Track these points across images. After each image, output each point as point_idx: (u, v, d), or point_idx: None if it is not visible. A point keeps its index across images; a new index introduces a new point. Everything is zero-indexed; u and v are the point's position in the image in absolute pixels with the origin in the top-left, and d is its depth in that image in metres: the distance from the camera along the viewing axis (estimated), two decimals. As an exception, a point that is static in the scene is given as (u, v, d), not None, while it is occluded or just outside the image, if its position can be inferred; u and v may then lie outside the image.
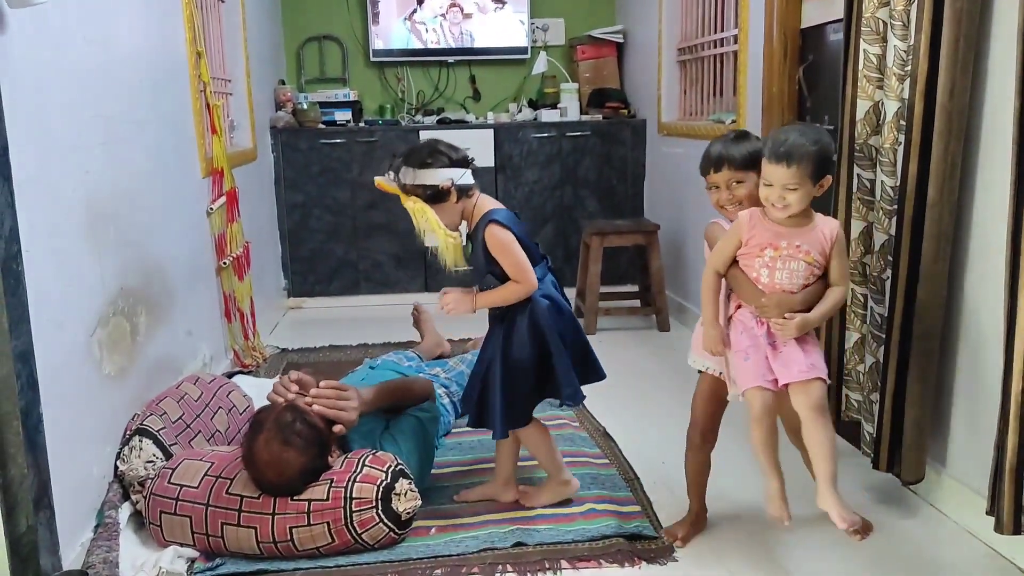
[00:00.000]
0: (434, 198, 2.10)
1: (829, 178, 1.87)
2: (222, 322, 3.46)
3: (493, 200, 2.22)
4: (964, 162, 2.13)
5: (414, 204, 2.11)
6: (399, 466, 2.17)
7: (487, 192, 2.31)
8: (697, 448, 2.16)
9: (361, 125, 4.90)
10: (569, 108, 4.98)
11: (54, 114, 2.07)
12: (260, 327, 3.92)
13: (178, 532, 2.11)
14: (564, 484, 2.34)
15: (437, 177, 2.08)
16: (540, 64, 4.99)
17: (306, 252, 4.85)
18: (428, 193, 2.09)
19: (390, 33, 5.10)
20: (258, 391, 3.06)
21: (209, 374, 2.92)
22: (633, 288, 4.62)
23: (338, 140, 4.75)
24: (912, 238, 2.19)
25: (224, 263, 3.41)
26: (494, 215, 2.13)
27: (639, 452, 2.69)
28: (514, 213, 2.22)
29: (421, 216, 2.11)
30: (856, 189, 2.38)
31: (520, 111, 5.11)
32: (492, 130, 4.82)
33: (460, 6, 5.09)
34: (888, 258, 2.29)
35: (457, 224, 2.17)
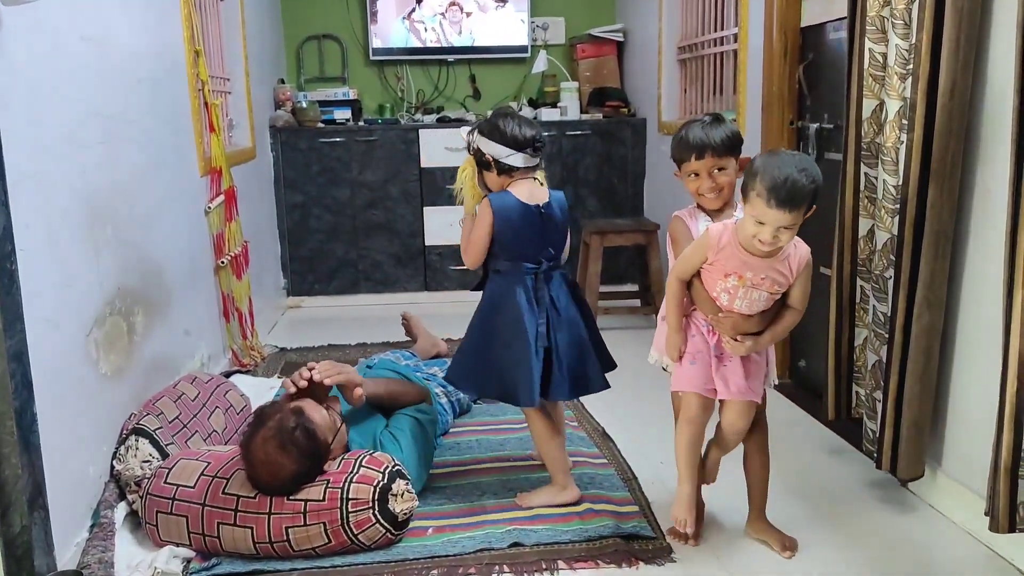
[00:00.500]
0: (480, 164, 2.35)
1: (814, 208, 1.80)
2: (220, 321, 3.45)
3: (533, 189, 2.31)
4: (964, 161, 2.12)
5: (468, 158, 2.39)
6: (396, 467, 2.16)
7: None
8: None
9: (361, 124, 4.89)
10: (569, 107, 4.97)
11: (49, 112, 2.06)
12: (259, 326, 3.92)
13: (174, 532, 2.10)
14: (561, 489, 2.33)
15: (487, 148, 2.30)
16: (540, 63, 4.98)
17: (305, 251, 4.84)
18: (477, 158, 2.35)
19: (389, 32, 5.09)
20: (256, 391, 3.07)
21: (207, 374, 2.91)
22: (633, 287, 4.61)
23: (337, 139, 4.75)
24: (914, 237, 2.18)
25: (222, 262, 3.40)
26: (497, 195, 2.31)
27: (637, 452, 2.68)
28: (538, 210, 2.28)
29: (463, 169, 2.42)
30: (863, 188, 2.37)
31: (520, 110, 5.10)
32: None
33: (460, 5, 5.08)
34: (890, 257, 2.28)
35: (498, 191, 2.36)
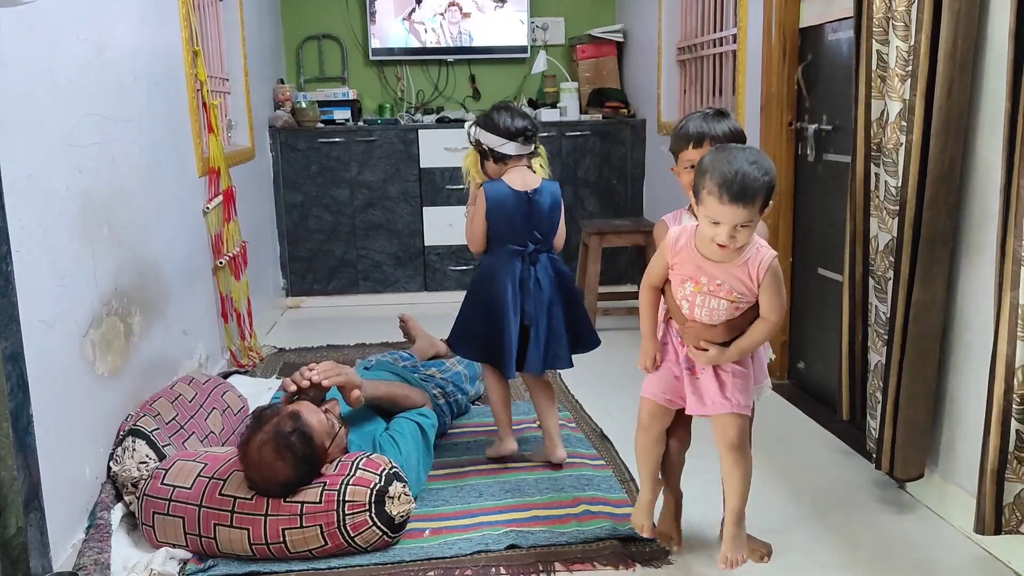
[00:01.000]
0: (480, 153, 2.59)
1: (772, 205, 1.71)
2: (218, 322, 3.45)
3: (525, 176, 2.56)
4: (963, 163, 2.11)
5: (471, 147, 2.63)
6: (393, 469, 2.16)
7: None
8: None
9: (360, 124, 4.89)
10: (569, 107, 4.96)
11: (46, 112, 2.06)
12: (258, 327, 3.91)
13: (171, 533, 2.10)
14: (499, 440, 2.67)
15: (484, 138, 2.55)
16: (540, 63, 4.98)
17: (304, 252, 4.84)
18: (477, 148, 2.59)
19: (388, 32, 5.09)
20: (254, 391, 3.07)
21: (204, 374, 2.91)
22: (632, 288, 4.61)
23: (337, 139, 4.74)
24: (913, 238, 2.17)
25: (220, 263, 3.40)
26: (490, 183, 2.55)
27: (635, 454, 2.67)
28: (527, 197, 2.53)
29: (467, 156, 2.66)
30: (874, 188, 2.36)
31: (519, 110, 5.09)
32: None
33: (459, 5, 5.08)
34: (891, 258, 2.28)
35: (496, 178, 2.59)
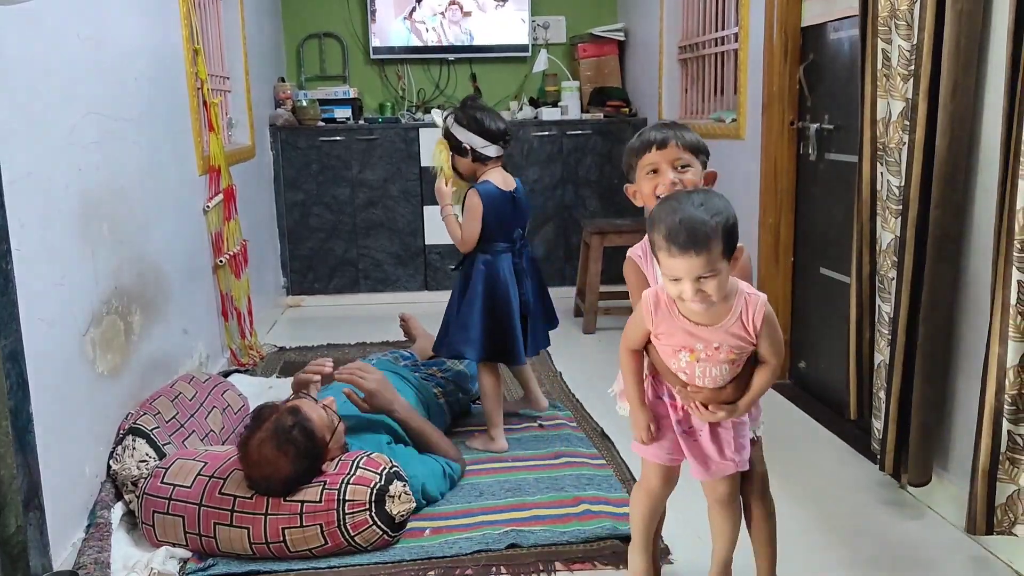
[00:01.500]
0: (454, 148, 2.65)
1: (742, 247, 1.50)
2: (219, 321, 3.44)
3: (504, 176, 2.69)
4: (968, 163, 2.10)
5: (441, 141, 2.68)
6: (393, 468, 2.15)
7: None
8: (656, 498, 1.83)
9: (361, 123, 4.88)
10: (570, 106, 4.96)
11: (46, 111, 2.05)
12: (258, 325, 3.91)
13: (171, 532, 2.09)
14: (490, 440, 2.74)
15: (465, 137, 2.60)
16: (541, 62, 4.97)
17: (305, 250, 4.83)
18: (451, 142, 2.64)
19: (389, 31, 5.08)
20: (255, 390, 3.06)
21: (204, 373, 2.91)
22: (633, 287, 4.59)
23: (338, 138, 4.74)
24: (916, 238, 2.16)
25: (221, 261, 3.39)
26: (480, 185, 2.64)
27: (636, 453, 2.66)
28: (511, 196, 2.69)
29: (438, 152, 2.71)
30: (879, 187, 2.35)
31: (521, 109, 5.09)
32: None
33: (460, 4, 5.07)
34: (894, 258, 2.27)
35: (468, 175, 2.70)
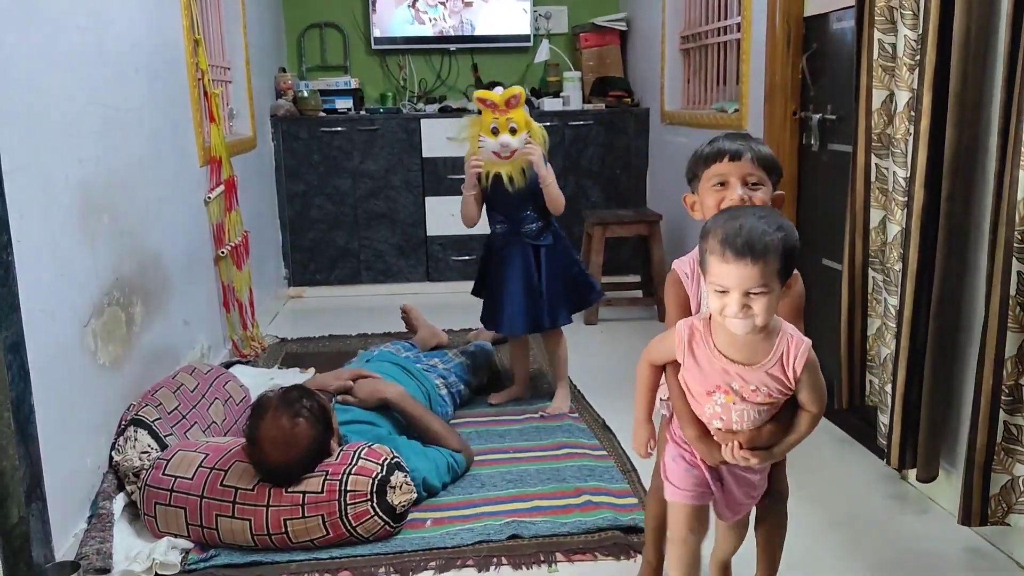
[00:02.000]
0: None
1: (797, 275, 1.41)
2: (220, 312, 3.45)
3: None
4: (976, 154, 2.09)
5: (474, 119, 2.87)
6: (395, 459, 2.16)
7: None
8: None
9: (362, 113, 4.87)
10: (572, 97, 4.94)
11: (46, 101, 2.05)
12: (260, 317, 3.91)
13: (172, 523, 2.10)
14: (516, 388, 3.12)
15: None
16: (543, 52, 4.95)
17: (307, 241, 4.83)
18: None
19: (390, 21, 5.06)
20: (256, 381, 3.06)
21: (206, 364, 2.91)
22: (635, 279, 4.60)
23: (339, 128, 4.73)
24: (922, 229, 2.15)
25: (222, 252, 3.39)
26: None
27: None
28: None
29: (472, 124, 2.86)
30: (875, 179, 2.36)
31: (522, 99, 5.07)
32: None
33: (460, -7, 5.06)
34: (900, 250, 2.26)
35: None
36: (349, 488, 2.06)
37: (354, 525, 2.06)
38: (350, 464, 2.10)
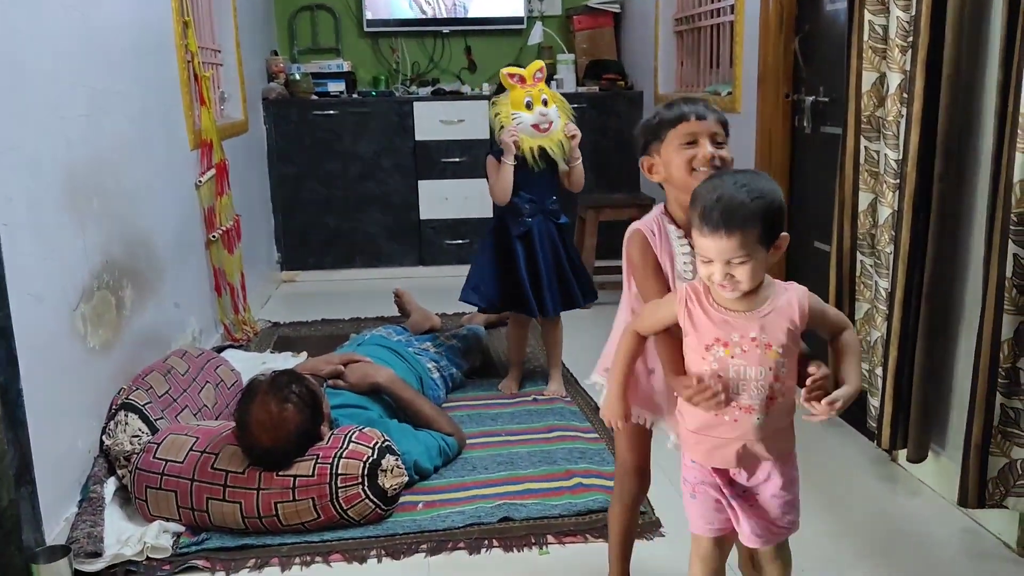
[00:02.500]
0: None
1: (786, 236, 1.39)
2: (212, 296, 3.43)
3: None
4: (969, 136, 2.08)
5: (502, 101, 2.82)
6: (386, 443, 2.16)
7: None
8: (632, 500, 1.74)
9: (354, 96, 4.84)
10: (565, 79, 4.91)
11: (31, 83, 2.03)
12: (252, 300, 3.90)
13: (164, 507, 2.10)
14: (517, 371, 3.09)
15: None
16: (536, 34, 4.92)
17: (299, 225, 4.81)
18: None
19: (382, 2, 5.02)
20: (248, 365, 3.05)
21: (197, 348, 2.90)
22: (628, 262, 4.58)
23: (331, 112, 4.70)
24: (914, 212, 2.15)
25: (213, 236, 3.38)
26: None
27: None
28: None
29: (502, 108, 2.80)
30: (864, 161, 2.35)
31: (515, 82, 5.04)
32: (488, 101, 4.76)
33: (454, -25, 5.01)
34: (892, 232, 2.26)
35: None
36: (340, 471, 2.06)
37: (345, 508, 2.06)
38: (341, 448, 2.10)
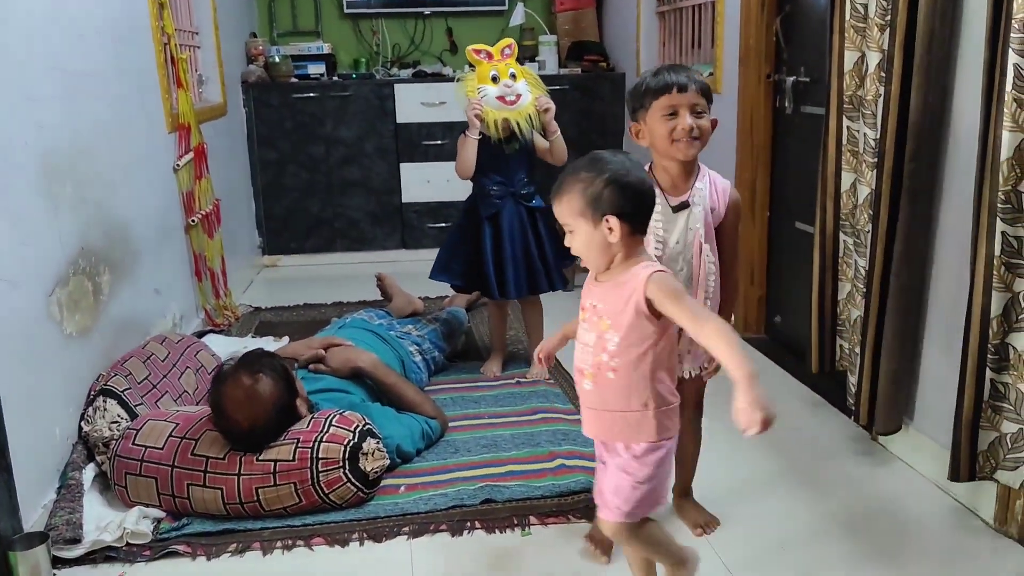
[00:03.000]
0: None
1: (613, 219, 1.40)
2: (192, 281, 3.41)
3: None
4: (942, 114, 2.09)
5: (470, 76, 2.76)
6: (366, 426, 2.15)
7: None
8: None
9: (335, 79, 4.80)
10: (547, 61, 4.89)
11: (1, 66, 1.99)
12: (234, 285, 3.87)
13: (144, 493, 2.08)
14: (500, 353, 3.09)
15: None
16: (517, 16, 4.89)
17: (280, 210, 4.78)
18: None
19: (363, -16, 4.97)
20: (229, 350, 3.03)
21: (178, 334, 2.88)
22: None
23: (311, 95, 4.66)
24: (892, 192, 2.16)
25: (193, 221, 3.35)
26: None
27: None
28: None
29: (468, 84, 2.76)
30: (846, 141, 2.36)
31: (497, 64, 5.01)
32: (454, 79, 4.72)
33: (434, -45, 4.97)
34: (870, 211, 2.27)
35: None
36: (321, 455, 2.05)
37: (327, 492, 2.06)
38: (321, 431, 2.09)
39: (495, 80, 2.73)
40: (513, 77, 2.74)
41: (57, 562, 1.87)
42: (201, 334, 3.20)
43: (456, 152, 2.79)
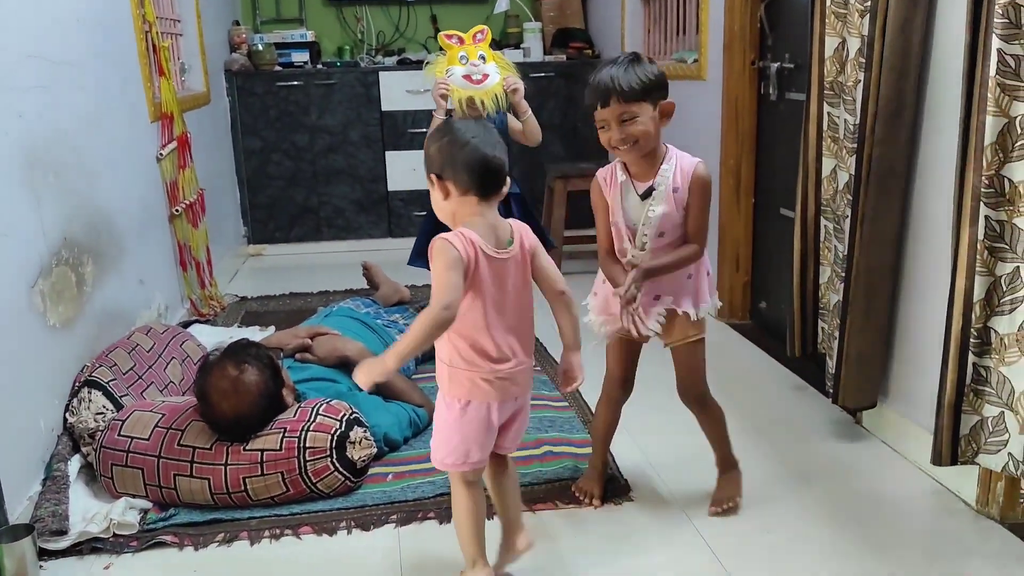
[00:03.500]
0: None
1: (437, 179, 1.66)
2: (177, 271, 3.39)
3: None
4: (917, 99, 2.10)
5: (440, 58, 2.77)
6: (353, 415, 2.15)
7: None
8: (614, 402, 2.09)
9: (319, 67, 4.77)
10: (532, 48, 4.88)
11: (-21, 55, 1.97)
12: (220, 275, 3.86)
13: (130, 484, 2.08)
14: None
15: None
16: (502, 3, 4.87)
17: (265, 199, 4.76)
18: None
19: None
20: (215, 340, 3.03)
21: (163, 324, 2.87)
22: (598, 231, 4.59)
23: (295, 83, 4.63)
24: (868, 176, 2.17)
25: (177, 211, 3.33)
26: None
27: (597, 394, 2.68)
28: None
29: (438, 65, 2.76)
30: (827, 127, 2.37)
31: (483, 51, 4.99)
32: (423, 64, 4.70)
33: (419, -58, 4.94)
34: (848, 197, 2.28)
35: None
36: (308, 445, 2.05)
37: (314, 481, 2.06)
38: (308, 420, 2.09)
39: (463, 60, 2.73)
40: (483, 59, 2.74)
41: (43, 554, 1.86)
42: (186, 324, 3.19)
43: None
